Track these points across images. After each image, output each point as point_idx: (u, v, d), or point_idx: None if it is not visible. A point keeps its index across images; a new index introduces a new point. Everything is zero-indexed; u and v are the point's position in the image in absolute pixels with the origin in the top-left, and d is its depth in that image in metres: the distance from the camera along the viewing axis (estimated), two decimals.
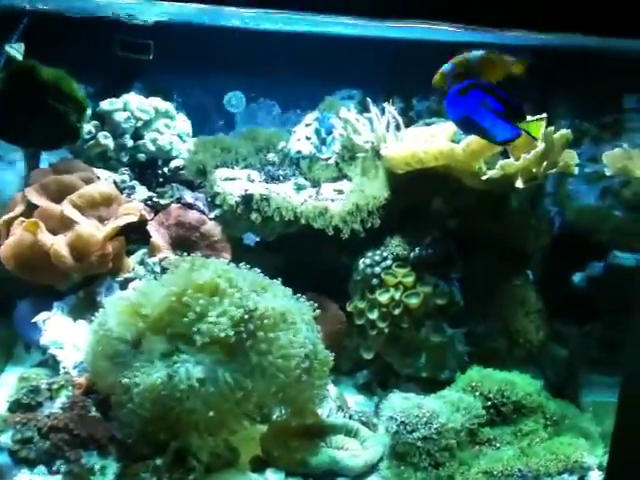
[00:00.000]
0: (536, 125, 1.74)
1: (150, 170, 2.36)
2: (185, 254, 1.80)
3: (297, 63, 2.68)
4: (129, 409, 1.60)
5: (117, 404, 1.66)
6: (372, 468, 1.81)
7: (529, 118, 1.75)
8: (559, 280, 2.60)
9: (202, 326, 1.58)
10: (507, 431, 1.89)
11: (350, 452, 1.83)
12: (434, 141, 1.95)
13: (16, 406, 1.86)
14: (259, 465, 1.80)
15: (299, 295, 1.81)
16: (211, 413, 1.56)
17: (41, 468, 1.70)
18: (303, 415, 1.76)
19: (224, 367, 1.58)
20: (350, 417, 1.97)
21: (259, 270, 1.78)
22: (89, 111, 2.08)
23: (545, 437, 1.89)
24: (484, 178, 1.94)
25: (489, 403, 1.88)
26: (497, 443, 1.86)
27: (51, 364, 2.00)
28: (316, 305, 1.83)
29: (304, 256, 2.29)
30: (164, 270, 2.03)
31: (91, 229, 1.99)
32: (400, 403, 1.79)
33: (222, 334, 1.57)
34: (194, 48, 2.61)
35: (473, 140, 1.91)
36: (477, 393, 1.88)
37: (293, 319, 1.69)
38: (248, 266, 1.77)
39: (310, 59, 2.64)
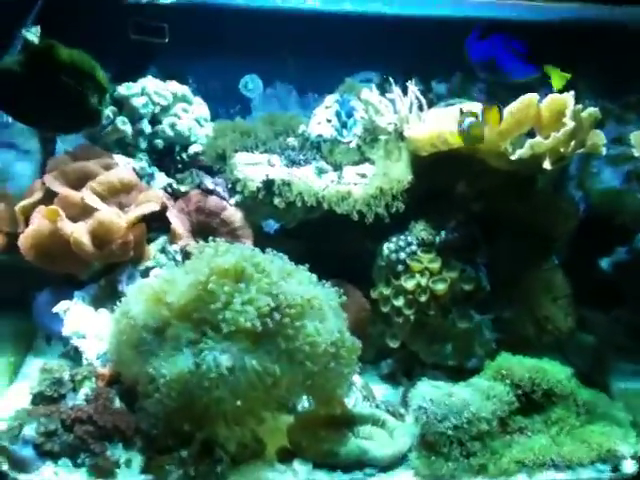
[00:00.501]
0: (560, 76, 1.71)
1: (169, 156, 2.31)
2: (206, 241, 1.77)
3: (313, 45, 2.62)
4: (155, 399, 1.57)
5: (143, 394, 1.64)
6: (401, 459, 1.78)
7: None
8: (584, 265, 2.55)
9: (228, 314, 1.55)
10: (538, 419, 1.85)
11: (378, 442, 1.80)
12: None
13: (39, 398, 1.84)
14: (286, 456, 1.77)
15: (324, 282, 1.78)
16: (239, 402, 1.53)
17: (65, 461, 1.68)
18: (331, 403, 1.72)
19: (251, 355, 1.54)
20: (377, 407, 1.94)
21: (284, 256, 1.74)
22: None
23: (576, 425, 1.85)
24: (513, 158, 1.88)
25: (519, 391, 1.84)
26: (528, 432, 1.82)
27: (73, 355, 1.98)
28: (341, 292, 1.80)
29: (326, 243, 2.24)
30: (185, 257, 2.00)
31: (112, 216, 1.95)
32: (430, 392, 1.76)
33: (248, 324, 1.54)
34: (209, 30, 2.56)
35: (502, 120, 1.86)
36: (507, 381, 1.84)
37: (320, 306, 1.66)
38: (274, 252, 1.73)
39: (327, 41, 2.58)
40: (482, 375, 1.89)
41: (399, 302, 2.02)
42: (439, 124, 1.96)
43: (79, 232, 1.93)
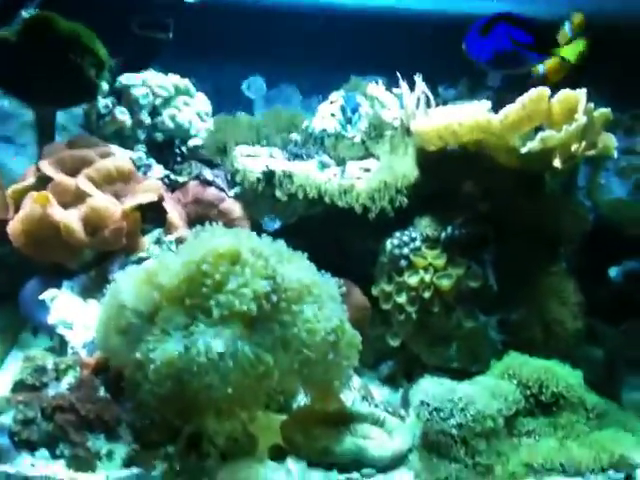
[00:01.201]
0: (573, 49, 1.67)
1: (167, 149, 2.27)
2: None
3: (320, 47, 2.61)
4: (144, 387, 1.48)
5: (130, 382, 1.54)
6: (401, 459, 1.67)
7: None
8: (593, 276, 2.48)
9: (221, 297, 1.46)
10: (546, 422, 1.75)
11: (377, 442, 1.69)
12: (468, 113, 1.84)
13: (20, 386, 1.75)
14: (279, 454, 1.67)
15: (323, 272, 1.70)
16: (230, 390, 1.44)
17: (43, 452, 1.58)
18: (328, 396, 1.63)
19: (244, 340, 1.46)
20: (376, 407, 1.85)
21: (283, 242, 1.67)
22: (108, 75, 1.98)
23: (586, 430, 1.75)
24: (523, 151, 1.82)
25: (528, 392, 1.75)
26: (536, 434, 1.72)
27: (58, 345, 1.89)
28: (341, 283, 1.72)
29: (326, 240, 2.17)
30: None
31: (106, 202, 1.89)
32: (432, 388, 1.66)
33: (244, 307, 1.46)
34: (212, 30, 2.55)
35: (511, 111, 1.80)
36: (514, 380, 1.75)
37: (319, 292, 1.57)
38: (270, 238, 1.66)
39: (333, 44, 2.57)
40: (488, 374, 1.79)
41: (401, 299, 1.93)
42: (447, 116, 1.90)
43: (70, 218, 1.87)
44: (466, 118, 1.83)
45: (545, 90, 1.86)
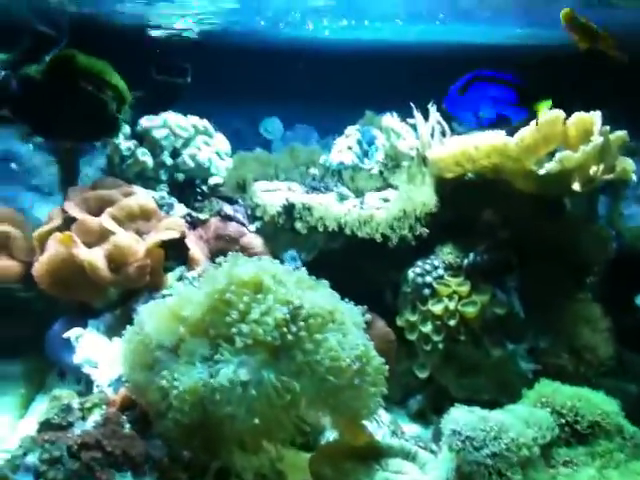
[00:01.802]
0: (542, 105, 1.68)
1: (189, 189, 2.30)
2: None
3: (335, 87, 2.66)
4: (167, 416, 1.46)
5: (155, 414, 1.53)
6: None
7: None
8: (619, 304, 2.42)
9: (244, 327, 1.45)
10: (583, 452, 1.68)
11: (409, 476, 1.64)
12: (485, 137, 1.85)
13: (46, 426, 1.73)
14: None
15: (347, 300, 1.69)
16: (256, 420, 1.41)
17: None
18: (356, 425, 1.58)
19: (269, 369, 1.44)
20: (406, 441, 1.79)
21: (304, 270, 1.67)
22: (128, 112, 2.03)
23: (623, 459, 1.68)
24: (541, 172, 1.82)
25: (562, 420, 1.69)
26: (573, 465, 1.65)
27: (85, 388, 1.88)
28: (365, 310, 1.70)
29: (348, 273, 2.16)
30: None
31: (129, 240, 1.91)
32: (464, 416, 1.61)
33: (268, 338, 1.44)
34: (231, 73, 2.62)
35: (527, 134, 1.81)
36: (549, 409, 1.69)
37: (342, 319, 1.56)
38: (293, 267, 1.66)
39: (348, 83, 2.62)
40: (521, 403, 1.74)
41: (427, 328, 1.91)
42: (463, 142, 1.92)
43: (94, 256, 1.89)
44: (482, 142, 1.84)
45: (560, 112, 1.87)
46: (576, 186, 1.96)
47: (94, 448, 1.57)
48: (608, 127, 1.94)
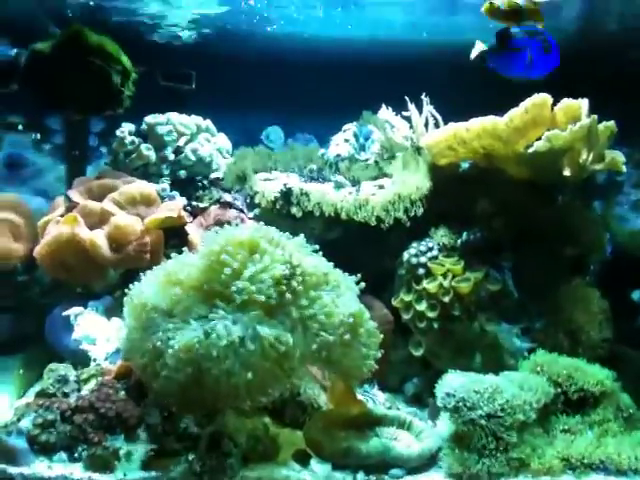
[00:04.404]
0: None
1: (190, 186, 2.36)
2: None
3: (335, 95, 2.73)
4: (163, 376, 1.47)
5: (151, 374, 1.53)
6: (431, 459, 1.60)
7: None
8: (615, 300, 2.43)
9: (240, 284, 1.48)
10: (580, 420, 1.67)
11: (404, 442, 1.63)
12: (475, 119, 1.92)
13: (41, 396, 1.74)
14: (303, 458, 1.61)
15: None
16: (250, 375, 1.42)
17: (61, 455, 1.56)
18: (349, 380, 1.59)
19: (263, 323, 1.46)
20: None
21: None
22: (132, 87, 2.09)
23: (618, 429, 1.67)
24: (530, 150, 1.87)
25: (558, 389, 1.69)
26: (569, 432, 1.64)
27: (81, 361, 1.89)
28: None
29: (346, 262, 2.19)
30: None
31: (129, 220, 1.96)
32: (458, 379, 1.61)
33: (262, 297, 1.47)
34: (234, 80, 2.71)
35: (516, 115, 1.87)
36: (545, 377, 1.69)
37: (337, 282, 1.59)
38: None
39: (348, 91, 2.69)
40: (517, 372, 1.74)
41: (422, 306, 1.92)
42: (454, 126, 1.98)
43: (96, 236, 1.94)
44: (473, 123, 1.90)
45: (547, 96, 1.94)
46: (567, 171, 2.01)
47: (87, 411, 1.58)
48: (595, 116, 2.00)
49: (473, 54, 1.77)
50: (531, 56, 1.70)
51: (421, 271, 1.96)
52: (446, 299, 1.89)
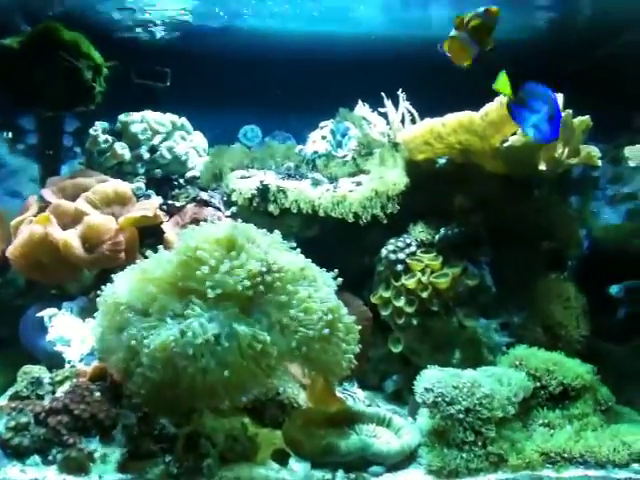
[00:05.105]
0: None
1: (166, 185, 2.33)
2: None
3: (312, 94, 2.72)
4: (137, 373, 1.44)
5: (126, 374, 1.50)
6: (410, 457, 1.59)
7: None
8: (593, 297, 2.46)
9: (217, 276, 1.46)
10: (558, 413, 1.68)
11: (383, 439, 1.62)
12: (452, 115, 1.92)
13: (14, 398, 1.70)
14: (282, 457, 1.59)
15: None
16: (226, 372, 1.40)
17: (35, 458, 1.52)
18: (329, 376, 1.57)
19: (240, 321, 1.44)
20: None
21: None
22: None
23: (597, 422, 1.68)
24: (506, 145, 1.88)
25: (537, 383, 1.69)
26: (548, 425, 1.65)
27: (56, 362, 1.85)
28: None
29: (324, 260, 2.18)
30: None
31: (102, 219, 1.93)
32: (436, 374, 1.61)
33: (238, 287, 1.45)
34: (208, 76, 2.67)
35: (492, 109, 1.88)
36: (524, 372, 1.70)
37: (313, 277, 1.58)
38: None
39: (326, 88, 2.68)
40: (495, 367, 1.75)
41: (400, 302, 1.92)
42: (431, 121, 1.98)
43: (69, 236, 1.90)
44: (449, 118, 1.90)
45: None
46: (542, 166, 2.02)
47: (62, 413, 1.54)
48: (570, 111, 2.02)
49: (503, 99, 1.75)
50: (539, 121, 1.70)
51: (399, 267, 1.95)
52: (424, 295, 1.88)
